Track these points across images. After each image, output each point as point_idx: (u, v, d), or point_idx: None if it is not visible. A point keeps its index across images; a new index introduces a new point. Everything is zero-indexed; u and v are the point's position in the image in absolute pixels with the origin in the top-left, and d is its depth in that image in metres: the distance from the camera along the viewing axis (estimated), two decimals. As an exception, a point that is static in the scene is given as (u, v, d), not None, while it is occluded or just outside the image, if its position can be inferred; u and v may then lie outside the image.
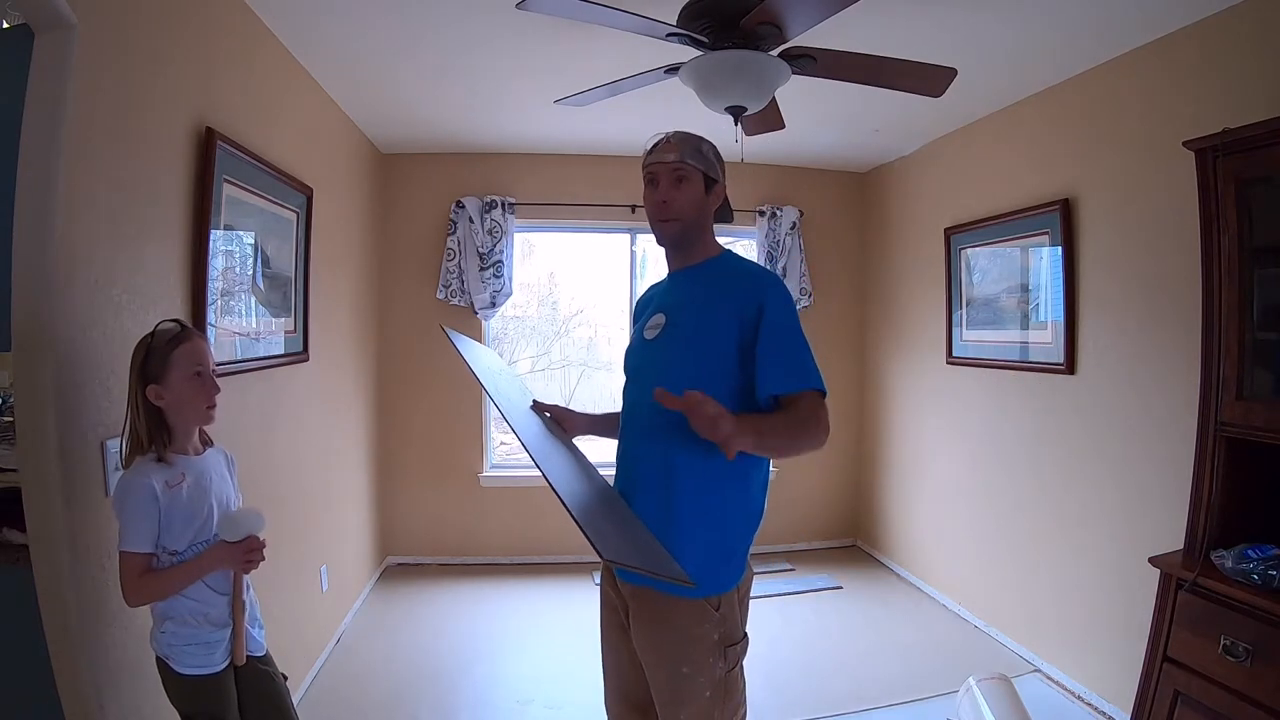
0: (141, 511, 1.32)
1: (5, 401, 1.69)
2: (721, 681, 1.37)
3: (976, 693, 2.25)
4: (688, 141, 1.46)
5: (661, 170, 1.45)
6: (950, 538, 3.55)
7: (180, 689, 1.39)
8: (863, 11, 1.97)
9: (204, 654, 1.39)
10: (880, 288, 4.32)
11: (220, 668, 1.41)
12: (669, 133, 1.49)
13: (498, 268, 3.95)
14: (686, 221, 1.46)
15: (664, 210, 1.45)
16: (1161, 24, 2.24)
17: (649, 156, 1.48)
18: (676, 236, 1.48)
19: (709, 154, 1.47)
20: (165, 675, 1.40)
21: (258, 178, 2.23)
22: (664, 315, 1.48)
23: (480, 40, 2.46)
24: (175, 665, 1.38)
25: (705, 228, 1.50)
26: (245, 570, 1.43)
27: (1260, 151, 1.66)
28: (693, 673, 1.35)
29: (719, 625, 1.37)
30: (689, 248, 1.50)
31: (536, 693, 2.72)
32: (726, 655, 1.38)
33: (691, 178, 1.44)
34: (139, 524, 1.32)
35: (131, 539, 1.32)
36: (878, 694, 2.68)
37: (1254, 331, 1.71)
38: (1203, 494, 1.79)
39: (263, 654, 1.54)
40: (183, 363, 1.36)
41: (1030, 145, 2.96)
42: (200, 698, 1.40)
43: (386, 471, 4.02)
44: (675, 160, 1.44)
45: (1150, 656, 1.81)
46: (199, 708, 1.40)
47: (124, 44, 1.56)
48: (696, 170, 1.44)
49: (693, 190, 1.45)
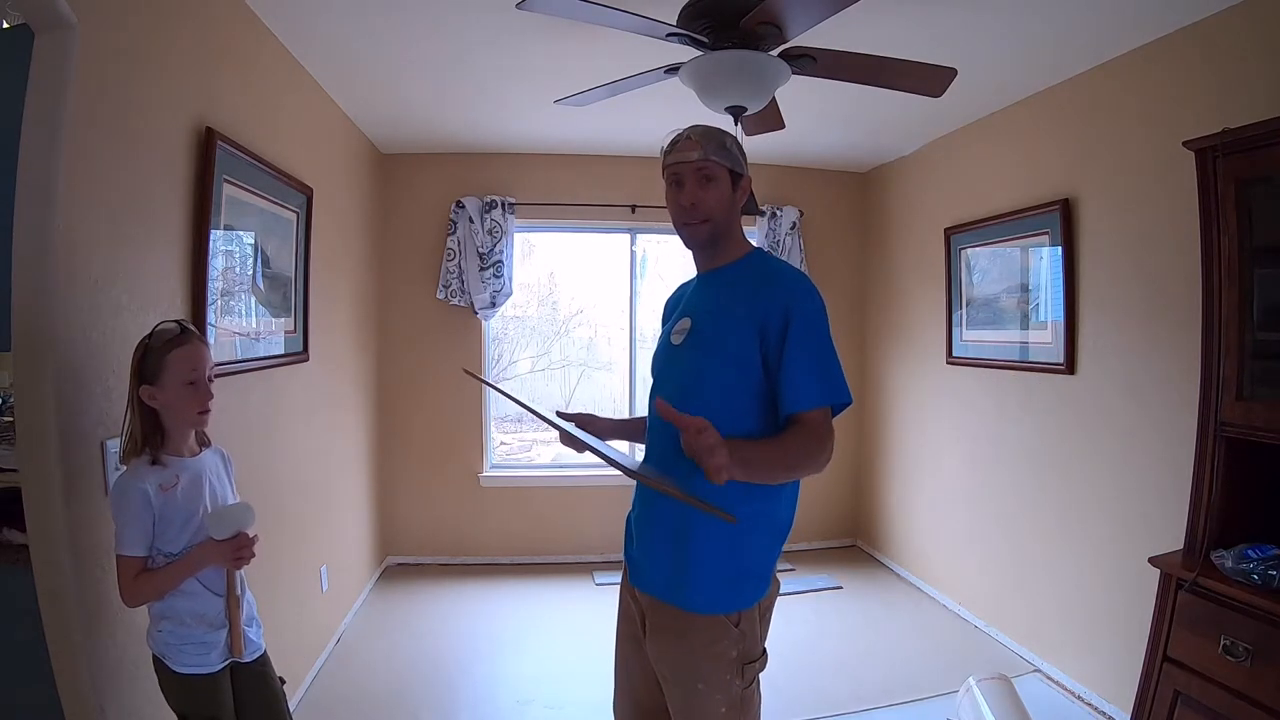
0: (135, 516, 1.32)
1: (5, 401, 1.69)
2: (738, 699, 1.32)
3: (976, 693, 2.25)
4: (711, 137, 1.36)
5: (686, 170, 1.36)
6: (950, 538, 3.55)
7: (176, 688, 1.40)
8: (863, 11, 1.97)
9: (200, 654, 1.39)
10: (880, 288, 4.32)
11: (216, 668, 1.41)
12: (689, 128, 1.39)
13: (498, 268, 3.95)
14: (716, 222, 1.38)
15: (693, 213, 1.37)
16: (1162, 24, 2.24)
17: (670, 155, 1.39)
18: (706, 239, 1.40)
19: (733, 148, 1.39)
20: (162, 674, 1.40)
21: (258, 178, 2.23)
22: (690, 319, 1.41)
23: (480, 40, 2.46)
24: (171, 664, 1.38)
25: (734, 226, 1.43)
26: (236, 567, 1.42)
27: (1260, 151, 1.66)
28: (709, 690, 1.31)
29: (738, 642, 1.32)
30: (718, 248, 1.42)
31: (536, 693, 2.71)
32: (744, 673, 1.33)
33: (718, 176, 1.36)
34: (132, 529, 1.32)
35: (125, 543, 1.32)
36: (878, 694, 2.69)
37: (1254, 331, 1.71)
38: (1203, 494, 1.79)
39: (260, 655, 1.53)
40: (177, 367, 1.35)
41: (1030, 145, 2.96)
42: (196, 697, 1.40)
43: (386, 471, 4.02)
44: (700, 158, 1.35)
45: (1150, 656, 1.81)
46: (194, 708, 1.41)
47: (124, 44, 1.56)
48: (722, 167, 1.36)
49: (721, 189, 1.37)
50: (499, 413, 4.38)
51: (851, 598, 3.70)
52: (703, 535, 1.31)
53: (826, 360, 1.31)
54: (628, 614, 1.51)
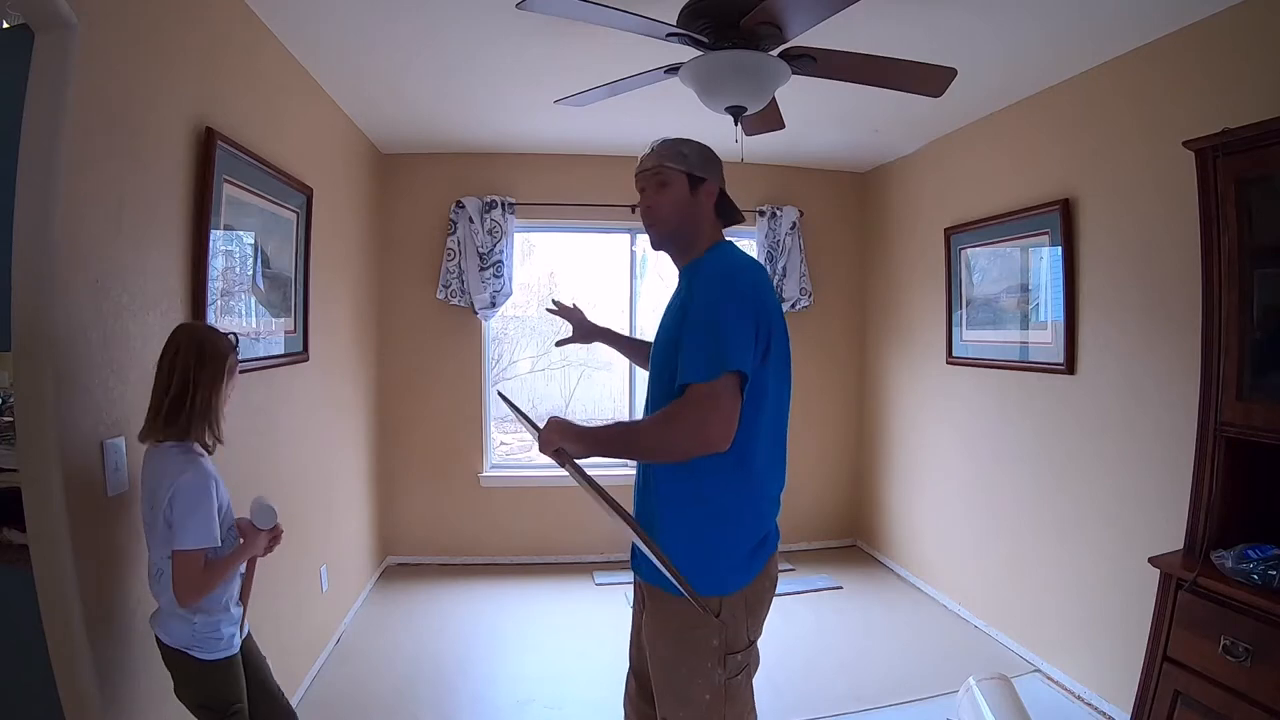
0: (212, 506, 1.41)
1: (5, 401, 1.69)
2: (721, 688, 1.35)
3: (976, 693, 2.25)
4: (666, 145, 1.47)
5: (645, 179, 1.49)
6: (950, 538, 3.55)
7: (199, 678, 1.45)
8: (863, 11, 1.97)
9: (227, 638, 1.48)
10: (880, 288, 4.32)
11: (236, 650, 1.51)
12: (653, 142, 1.51)
13: (498, 268, 3.95)
14: (673, 224, 1.47)
15: (648, 215, 1.48)
16: (1162, 24, 2.24)
17: (637, 169, 1.51)
18: (664, 240, 1.50)
19: (690, 154, 1.47)
20: (185, 668, 1.44)
21: (258, 178, 2.23)
22: (662, 318, 1.53)
23: (480, 40, 2.46)
24: (199, 653, 1.43)
25: (697, 228, 1.49)
26: (267, 554, 1.57)
27: (1260, 151, 1.66)
28: (690, 675, 1.35)
29: (719, 631, 1.34)
30: (684, 249, 1.51)
31: (536, 693, 2.71)
32: (726, 663, 1.35)
33: (672, 181, 1.45)
34: (212, 519, 1.40)
35: (204, 535, 1.38)
36: (878, 694, 2.68)
37: (1254, 331, 1.71)
38: (1203, 494, 1.79)
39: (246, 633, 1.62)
40: (233, 375, 1.52)
41: (1030, 145, 2.96)
42: (220, 683, 1.47)
43: (387, 471, 4.02)
44: (654, 166, 1.46)
45: (1150, 656, 1.81)
46: (217, 694, 1.46)
47: (124, 44, 1.56)
48: (676, 171, 1.45)
49: (675, 192, 1.46)
50: (499, 413, 4.38)
51: (851, 598, 3.70)
52: (668, 522, 1.39)
53: (710, 337, 1.29)
54: (637, 597, 1.60)
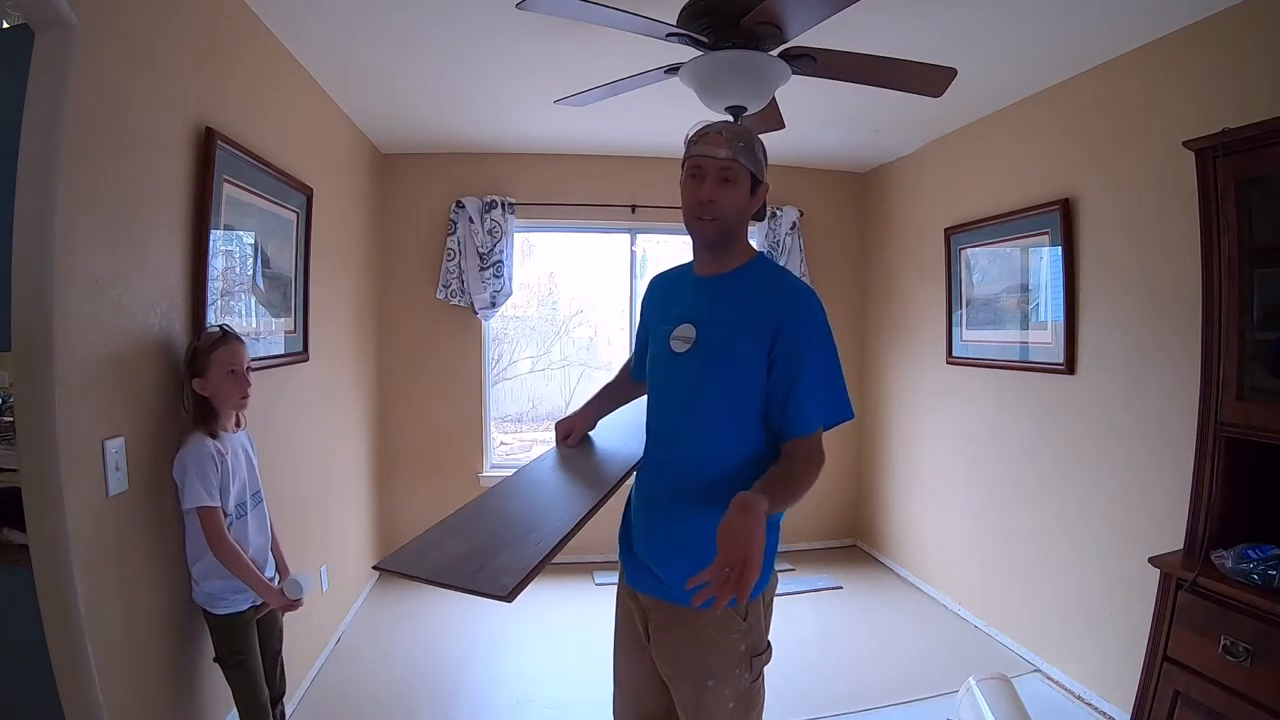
0: (207, 470, 1.65)
1: (5, 401, 1.69)
2: (746, 693, 1.34)
3: (976, 693, 2.25)
4: (740, 138, 1.32)
5: (710, 165, 1.31)
6: (950, 538, 3.55)
7: (217, 629, 1.75)
8: (863, 11, 1.96)
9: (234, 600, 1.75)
10: (880, 288, 4.31)
11: (245, 608, 1.77)
12: (721, 123, 1.36)
13: (498, 268, 3.95)
14: (728, 223, 1.34)
15: (709, 209, 1.32)
16: (1161, 24, 2.24)
17: (696, 147, 1.34)
18: (714, 238, 1.36)
19: (759, 153, 1.35)
20: (208, 621, 1.76)
21: (258, 178, 2.22)
22: (694, 328, 1.37)
23: (480, 40, 2.46)
24: (214, 609, 1.73)
25: (743, 230, 1.39)
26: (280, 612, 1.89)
27: (1260, 151, 1.66)
28: (718, 685, 1.32)
29: (746, 635, 1.34)
30: (724, 251, 1.38)
31: (536, 693, 2.71)
32: (752, 665, 1.35)
33: (739, 179, 1.32)
34: (208, 480, 1.64)
35: (204, 494, 1.63)
36: (878, 694, 2.68)
37: (1254, 331, 1.71)
38: (1203, 494, 1.79)
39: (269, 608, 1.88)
40: (220, 362, 1.70)
41: (1030, 145, 2.96)
42: (231, 634, 1.75)
43: (386, 471, 4.02)
44: (727, 157, 1.30)
45: (1150, 656, 1.81)
46: (230, 646, 1.75)
47: (124, 44, 1.56)
48: (746, 171, 1.32)
49: (739, 191, 1.33)
50: (499, 413, 4.38)
51: (851, 598, 3.70)
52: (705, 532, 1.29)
53: (832, 379, 1.32)
54: (628, 617, 1.50)
